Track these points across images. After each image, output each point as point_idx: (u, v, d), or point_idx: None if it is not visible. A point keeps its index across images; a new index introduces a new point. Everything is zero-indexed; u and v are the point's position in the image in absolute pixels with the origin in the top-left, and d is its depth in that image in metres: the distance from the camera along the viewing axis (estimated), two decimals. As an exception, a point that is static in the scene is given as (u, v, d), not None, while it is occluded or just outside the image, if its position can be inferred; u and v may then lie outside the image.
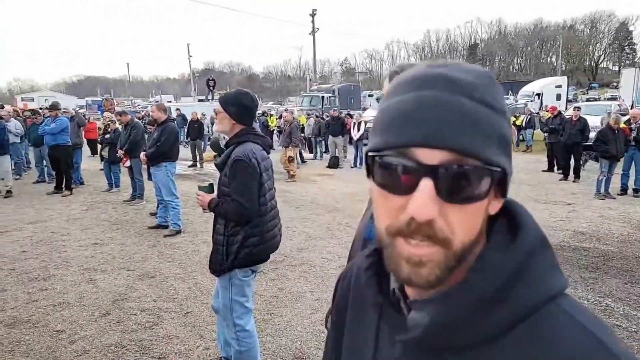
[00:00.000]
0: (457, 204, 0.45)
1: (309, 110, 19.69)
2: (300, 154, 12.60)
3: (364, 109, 21.49)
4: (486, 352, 0.47)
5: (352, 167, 12.25)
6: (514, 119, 15.73)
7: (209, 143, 14.71)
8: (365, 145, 13.04)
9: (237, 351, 2.53)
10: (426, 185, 0.44)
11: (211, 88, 26.58)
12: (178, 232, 5.91)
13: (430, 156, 0.44)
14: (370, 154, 0.49)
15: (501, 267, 0.47)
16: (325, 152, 14.48)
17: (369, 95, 32.85)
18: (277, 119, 18.11)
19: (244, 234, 2.37)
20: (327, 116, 15.18)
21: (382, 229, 0.49)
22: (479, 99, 0.45)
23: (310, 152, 14.98)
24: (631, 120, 8.22)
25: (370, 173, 0.52)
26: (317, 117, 14.99)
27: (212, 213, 2.46)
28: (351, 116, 14.43)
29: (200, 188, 2.50)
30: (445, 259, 0.46)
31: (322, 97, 23.02)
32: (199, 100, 26.95)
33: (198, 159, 12.65)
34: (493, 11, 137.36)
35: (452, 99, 0.45)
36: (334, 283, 3.31)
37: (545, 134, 11.69)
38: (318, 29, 33.83)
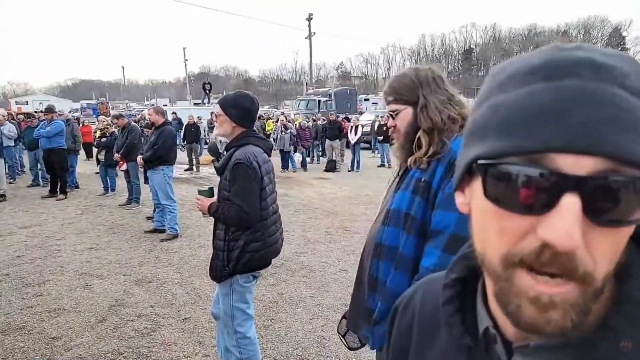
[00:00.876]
0: (608, 228, 0.35)
1: (306, 113, 19.70)
2: (292, 159, 12.55)
3: (361, 113, 21.50)
4: None
5: (349, 171, 12.22)
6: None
7: (205, 147, 14.64)
8: (362, 149, 13.07)
9: (238, 359, 2.48)
10: (572, 202, 0.33)
11: (207, 92, 26.53)
12: (175, 236, 5.84)
13: (577, 164, 0.34)
14: (481, 161, 0.39)
15: None
16: (322, 155, 14.45)
17: (365, 100, 32.90)
18: (273, 122, 18.09)
19: (246, 239, 2.32)
20: (324, 120, 15.21)
21: (495, 258, 0.38)
22: (634, 91, 0.35)
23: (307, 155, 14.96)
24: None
25: (462, 185, 0.44)
26: (314, 120, 14.97)
27: (211, 218, 2.41)
28: (348, 120, 14.43)
29: (200, 192, 2.45)
30: (584, 299, 0.35)
31: (319, 101, 23.03)
32: (195, 104, 26.93)
33: (194, 162, 12.59)
34: (488, 16, 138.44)
35: (604, 89, 0.34)
36: (334, 288, 3.28)
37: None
38: (314, 33, 33.93)
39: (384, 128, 12.64)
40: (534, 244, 0.35)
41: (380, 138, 12.42)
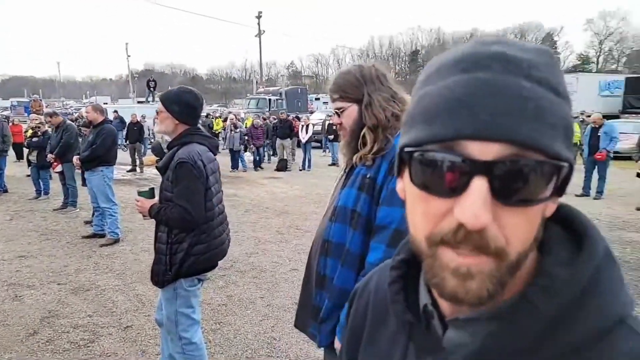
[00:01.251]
0: (516, 207, 0.37)
1: (256, 112, 19.45)
2: (242, 158, 12.35)
3: (311, 112, 21.57)
4: None
5: (300, 170, 12.20)
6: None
7: (149, 146, 14.05)
8: (313, 148, 13.10)
9: None
10: (479, 185, 0.36)
11: (152, 89, 25.45)
12: (116, 240, 5.53)
13: (484, 150, 0.37)
14: (407, 149, 0.42)
15: (570, 284, 0.40)
16: (273, 155, 14.34)
17: (316, 99, 33.06)
18: (222, 121, 17.71)
19: (190, 241, 2.22)
20: (275, 119, 15.08)
21: (421, 237, 0.42)
22: (540, 81, 0.38)
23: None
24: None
25: (401, 172, 0.46)
26: (264, 119, 14.81)
27: (153, 220, 2.29)
28: (299, 119, 14.40)
29: (139, 193, 2.32)
30: (498, 271, 0.38)
31: (269, 99, 22.83)
32: (139, 102, 25.74)
33: (138, 163, 12.03)
34: (432, 20, 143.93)
35: (511, 81, 0.37)
36: (285, 287, 3.23)
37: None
38: (264, 31, 33.61)
39: (334, 127, 12.73)
40: (452, 224, 0.38)
41: (331, 137, 12.51)
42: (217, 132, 16.63)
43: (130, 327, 3.45)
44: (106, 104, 29.33)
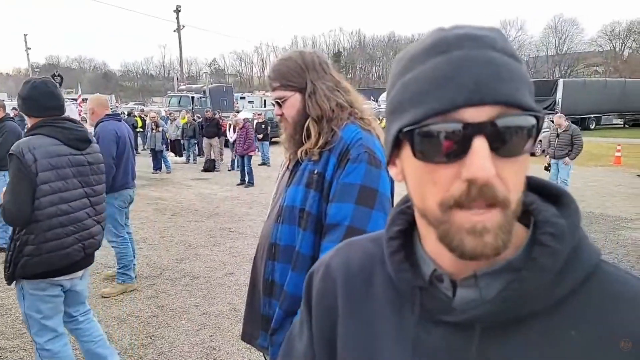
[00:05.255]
0: (511, 158, 0.43)
1: (178, 110, 18.55)
2: (165, 159, 11.70)
3: (237, 111, 21.09)
4: (549, 318, 0.46)
5: (229, 170, 11.83)
6: (379, 121, 17.02)
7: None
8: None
9: None
10: (480, 143, 0.42)
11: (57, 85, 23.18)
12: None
13: (477, 114, 0.42)
14: (406, 129, 0.46)
15: (573, 232, 0.47)
16: (199, 155, 13.76)
17: (241, 98, 32.36)
18: (142, 120, 16.66)
19: (21, 241, 2.10)
20: (199, 117, 14.47)
21: (434, 206, 0.46)
22: (503, 51, 0.44)
23: (180, 155, 14.09)
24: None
25: (393, 158, 0.52)
26: (190, 117, 14.15)
27: None
28: (221, 118, 13.95)
29: None
30: (507, 220, 0.43)
31: (192, 97, 21.89)
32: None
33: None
34: (353, 22, 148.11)
35: (482, 54, 0.43)
36: (221, 293, 3.05)
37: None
38: (183, 26, 32.20)
39: (263, 126, 12.54)
40: (462, 185, 0.43)
41: (260, 136, 12.28)
42: (138, 130, 15.55)
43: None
44: (3, 100, 26.20)
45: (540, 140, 8.80)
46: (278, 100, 1.40)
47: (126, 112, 17.65)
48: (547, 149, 8.41)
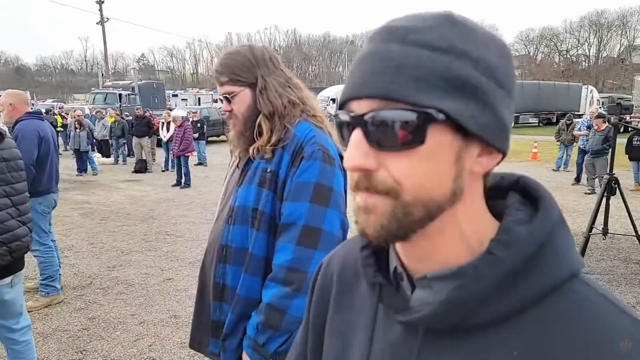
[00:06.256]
0: (392, 152, 0.43)
1: (103, 108, 17.41)
2: (91, 160, 10.93)
3: (170, 109, 20.24)
4: (497, 332, 0.43)
5: (163, 171, 11.28)
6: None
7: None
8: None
9: None
10: (354, 134, 0.44)
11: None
12: None
13: (359, 107, 0.44)
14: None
15: (529, 240, 0.43)
16: (129, 155, 12.98)
17: (174, 95, 31.04)
18: (62, 118, 15.40)
19: None
20: (128, 115, 13.67)
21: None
22: (414, 42, 0.42)
23: (107, 156, 13.21)
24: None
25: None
26: (117, 115, 13.31)
27: None
28: (157, 116, 13.31)
29: None
30: (392, 208, 0.43)
31: (120, 94, 20.62)
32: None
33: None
34: (289, 21, 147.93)
35: (382, 47, 0.43)
36: (159, 300, 2.93)
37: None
38: (107, 19, 30.19)
39: (199, 125, 12.09)
40: (355, 175, 0.45)
41: (196, 135, 11.84)
42: (58, 130, 14.34)
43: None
44: None
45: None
46: (227, 96, 1.34)
47: (44, 110, 16.23)
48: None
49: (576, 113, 22.34)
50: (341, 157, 1.37)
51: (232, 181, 1.45)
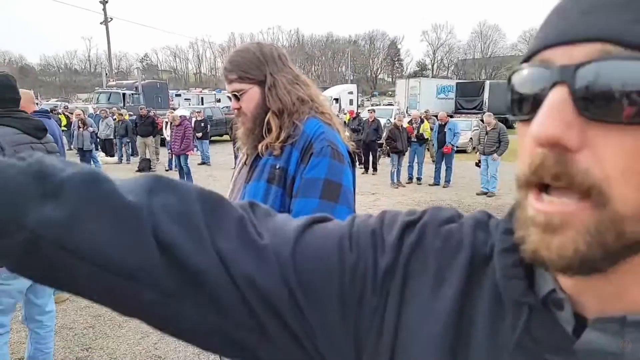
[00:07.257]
0: (609, 128, 0.28)
1: (108, 108, 17.50)
2: (95, 159, 10.98)
3: (173, 109, 20.32)
4: None
5: (167, 170, 11.28)
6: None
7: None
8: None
9: None
10: (554, 94, 0.29)
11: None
12: None
13: (568, 55, 0.30)
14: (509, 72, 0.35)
15: None
16: (133, 154, 13.03)
17: (177, 95, 31.14)
18: (66, 117, 15.49)
19: None
20: (131, 114, 13.72)
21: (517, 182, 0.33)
22: None
23: (111, 155, 13.27)
24: (412, 121, 9.94)
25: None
26: (120, 115, 13.36)
27: None
28: (160, 115, 13.36)
29: None
30: (596, 224, 0.28)
31: (124, 94, 20.69)
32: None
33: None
34: (292, 21, 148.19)
35: None
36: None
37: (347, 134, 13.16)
38: (111, 18, 30.34)
39: (202, 124, 12.13)
40: (537, 152, 0.30)
41: (199, 135, 11.88)
42: (63, 129, 14.42)
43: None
44: None
45: (471, 138, 9.36)
46: (236, 93, 1.35)
47: (49, 110, 16.33)
48: (477, 145, 8.97)
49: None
50: (349, 154, 1.38)
51: (239, 178, 1.46)
